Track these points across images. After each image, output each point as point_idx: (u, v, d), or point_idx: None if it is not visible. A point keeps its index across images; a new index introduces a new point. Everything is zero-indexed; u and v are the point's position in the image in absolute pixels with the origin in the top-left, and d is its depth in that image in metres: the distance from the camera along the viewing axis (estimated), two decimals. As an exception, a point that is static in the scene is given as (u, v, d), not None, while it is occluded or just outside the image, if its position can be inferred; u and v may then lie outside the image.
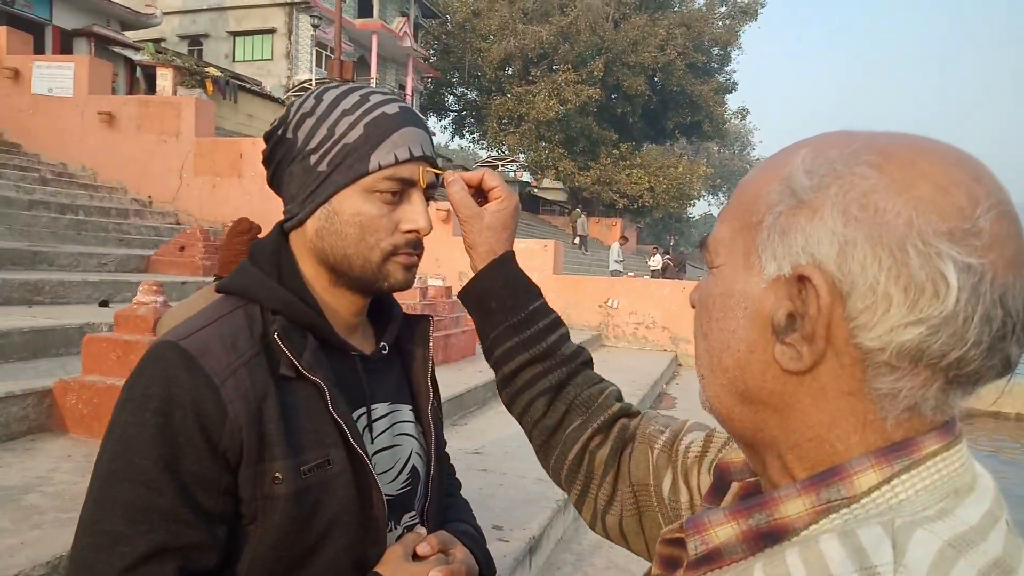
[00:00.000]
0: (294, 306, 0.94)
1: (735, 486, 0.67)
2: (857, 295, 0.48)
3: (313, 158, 0.93)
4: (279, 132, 0.97)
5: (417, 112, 1.00)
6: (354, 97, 0.95)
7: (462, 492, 1.31)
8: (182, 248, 8.19)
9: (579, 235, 27.61)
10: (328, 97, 0.96)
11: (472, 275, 1.01)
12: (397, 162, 0.92)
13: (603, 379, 0.99)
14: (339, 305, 1.00)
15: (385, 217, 0.94)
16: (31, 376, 3.73)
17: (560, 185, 39.86)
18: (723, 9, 37.99)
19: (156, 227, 10.77)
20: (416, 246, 0.98)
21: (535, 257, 11.70)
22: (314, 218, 0.95)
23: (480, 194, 1.02)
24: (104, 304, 5.89)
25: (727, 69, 40.74)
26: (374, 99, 0.95)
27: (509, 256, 1.00)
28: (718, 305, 0.56)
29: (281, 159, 0.97)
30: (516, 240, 1.03)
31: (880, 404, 0.50)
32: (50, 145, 12.62)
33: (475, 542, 1.10)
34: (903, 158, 0.49)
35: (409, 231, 0.95)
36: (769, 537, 0.51)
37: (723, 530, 0.53)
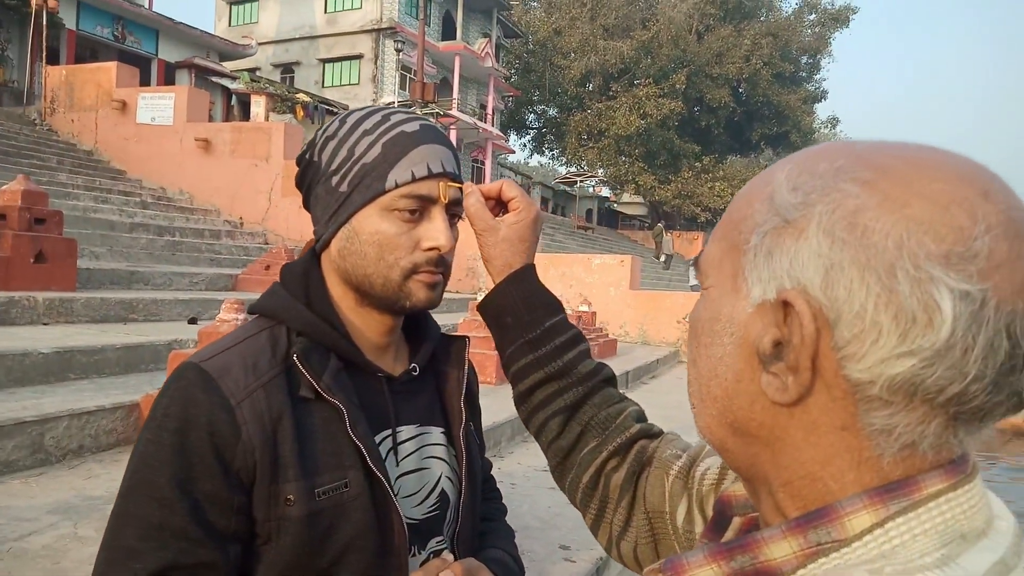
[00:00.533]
0: (317, 327, 0.94)
1: (736, 521, 0.63)
2: (844, 323, 0.44)
3: (335, 179, 0.94)
4: (307, 156, 0.99)
5: (439, 129, 0.99)
6: (375, 118, 0.95)
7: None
8: (268, 267, 8.52)
9: (665, 254, 26.79)
10: (351, 119, 0.97)
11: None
12: (414, 179, 0.92)
13: (625, 398, 0.95)
14: (367, 326, 1.00)
15: (404, 235, 0.93)
16: (121, 390, 3.95)
17: (640, 199, 39.47)
18: (812, 17, 36.97)
19: (245, 247, 11.27)
20: (439, 264, 0.96)
21: (612, 272, 11.59)
22: (337, 238, 0.96)
23: (502, 205, 1.00)
24: (193, 321, 6.19)
25: (816, 78, 39.61)
26: (395, 118, 0.95)
27: (528, 269, 0.96)
28: (706, 330, 0.53)
29: (310, 182, 0.99)
30: (593, 255, 1.00)
31: (875, 440, 0.45)
32: (151, 171, 13.44)
33: (507, 570, 1.07)
34: (899, 173, 0.45)
35: (430, 248, 0.94)
36: None
37: (703, 572, 0.49)
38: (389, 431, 0.99)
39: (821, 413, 0.46)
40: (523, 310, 0.93)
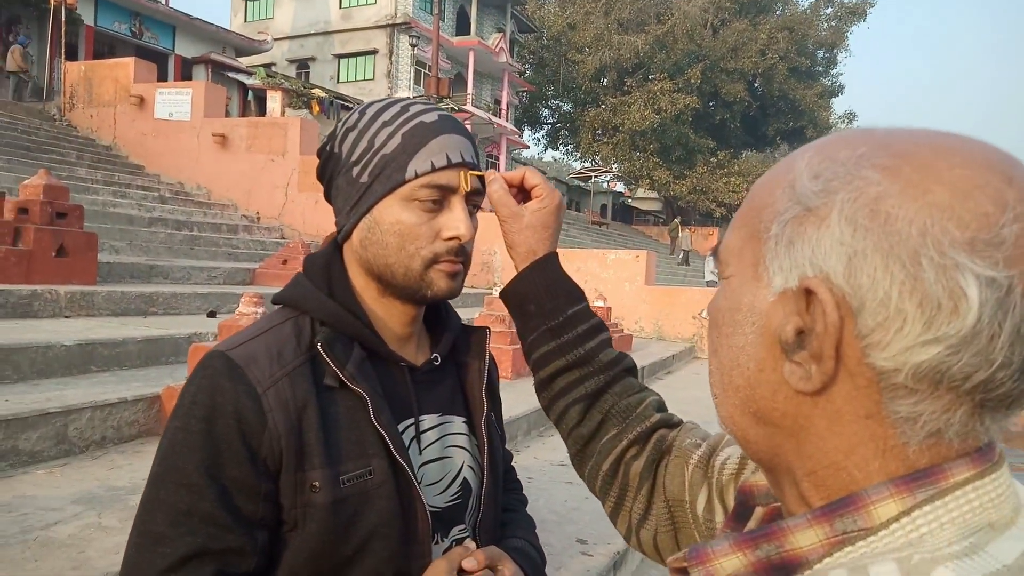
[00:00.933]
0: (340, 317, 0.95)
1: (759, 511, 0.62)
2: (868, 311, 0.43)
3: (355, 170, 0.95)
4: (327, 147, 1.00)
5: (458, 120, 1.00)
6: (394, 108, 0.96)
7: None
8: (285, 261, 8.57)
9: (683, 250, 26.54)
10: (371, 111, 0.97)
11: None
12: (434, 169, 0.92)
13: (645, 388, 0.95)
14: (389, 316, 1.00)
15: (425, 225, 0.94)
16: (142, 383, 3.99)
17: (654, 195, 39.32)
18: (829, 11, 36.65)
19: (263, 241, 11.33)
20: (459, 253, 0.96)
21: (627, 268, 11.56)
22: (358, 229, 0.97)
23: (524, 193, 1.00)
24: (212, 315, 6.24)
25: (833, 72, 39.27)
26: (413, 109, 0.96)
27: (551, 257, 0.97)
28: (727, 319, 0.52)
29: (331, 173, 1.00)
30: (608, 251, 1.00)
31: (900, 429, 0.45)
32: (169, 166, 13.54)
33: (529, 560, 1.07)
34: (921, 160, 0.44)
35: (450, 238, 0.95)
36: (782, 570, 0.47)
37: (729, 561, 0.49)
38: (412, 420, 1.00)
39: (845, 402, 0.46)
40: (545, 297, 0.94)
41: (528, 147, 38.42)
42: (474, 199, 0.98)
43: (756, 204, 0.52)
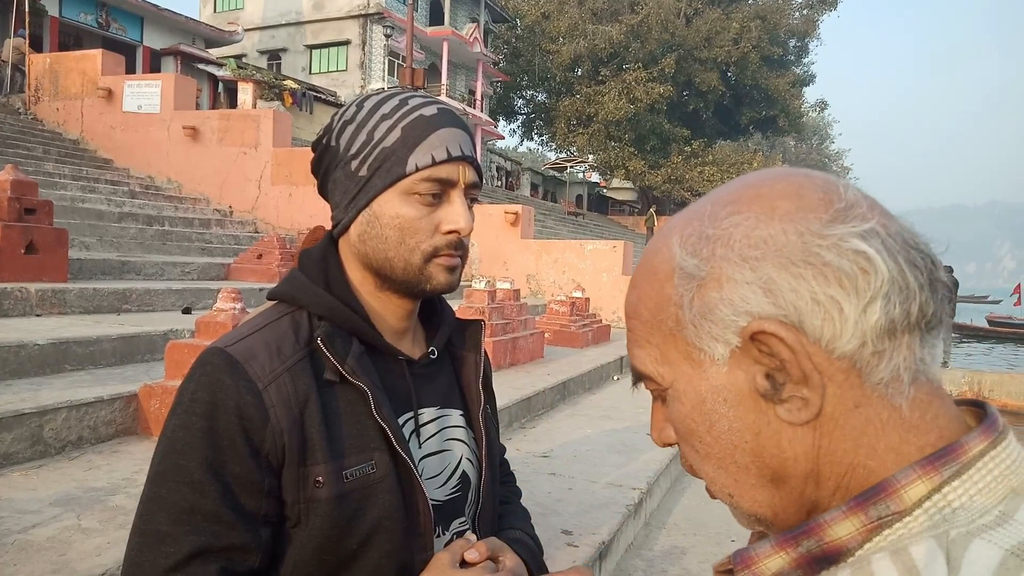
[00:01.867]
0: (339, 311, 0.95)
1: None
2: (808, 317, 0.47)
3: (354, 163, 0.95)
4: (324, 141, 0.99)
5: (456, 113, 1.00)
6: (393, 102, 0.96)
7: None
8: (260, 256, 8.48)
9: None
10: (368, 104, 0.97)
11: None
12: (434, 163, 0.92)
13: None
14: (386, 310, 1.00)
15: (424, 219, 0.94)
16: (118, 381, 3.92)
17: (630, 185, 39.48)
18: (800, 0, 36.86)
19: (236, 236, 11.20)
20: (458, 247, 0.97)
21: (604, 258, 11.60)
22: (356, 223, 0.96)
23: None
24: (187, 311, 6.15)
25: (805, 61, 39.65)
26: (413, 102, 0.96)
27: None
28: (700, 419, 0.54)
29: (327, 167, 0.99)
30: (585, 241, 1.02)
31: (887, 396, 0.48)
32: (139, 160, 13.30)
33: (528, 550, 1.08)
34: (749, 196, 0.51)
35: (449, 232, 0.95)
36: (825, 560, 0.49)
37: (773, 561, 0.51)
38: (411, 413, 1.00)
39: (835, 405, 0.49)
40: None
41: (503, 138, 38.36)
42: (472, 192, 0.98)
43: (647, 314, 0.55)
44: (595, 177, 40.77)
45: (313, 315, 0.96)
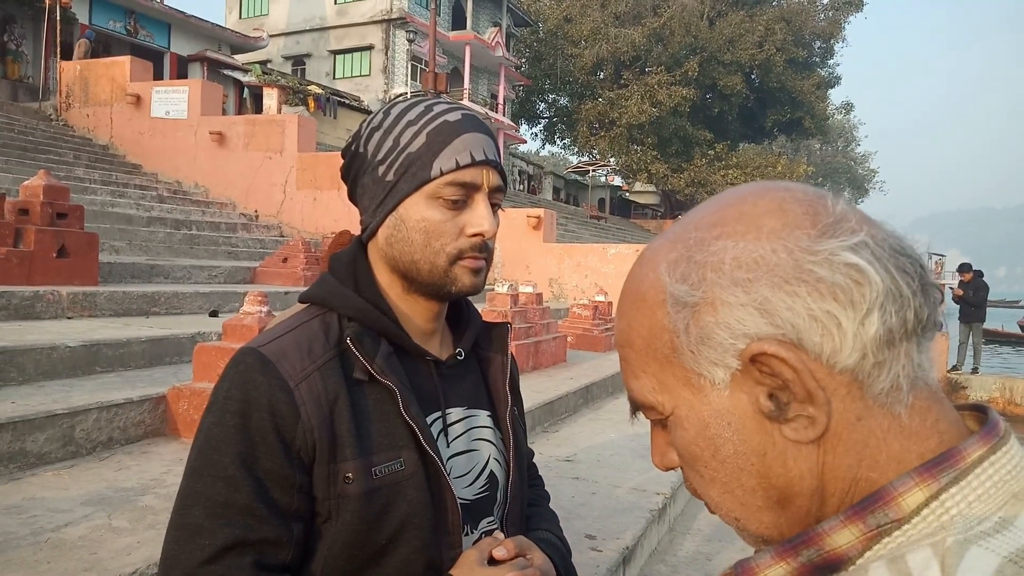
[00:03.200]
0: (368, 312, 0.97)
1: None
2: (807, 334, 0.47)
3: (381, 169, 0.97)
4: (352, 147, 1.01)
5: (480, 118, 1.01)
6: (419, 108, 0.98)
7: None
8: (285, 259, 8.56)
9: None
10: (395, 110, 0.99)
11: None
12: (458, 167, 0.94)
13: None
14: (414, 312, 1.02)
15: (449, 222, 0.96)
16: (147, 383, 3.98)
17: (652, 188, 39.29)
18: (826, 1, 36.53)
19: (262, 240, 11.31)
20: (482, 249, 0.99)
21: (627, 262, 11.56)
22: (384, 227, 0.99)
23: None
24: (214, 314, 6.23)
25: (830, 63, 39.27)
26: (438, 108, 0.98)
27: None
28: (705, 444, 0.53)
29: (356, 173, 1.01)
30: (608, 245, 1.03)
31: (887, 405, 0.48)
32: (166, 165, 13.51)
33: (555, 550, 1.09)
34: (731, 216, 0.51)
35: (474, 234, 0.97)
36: (824, 569, 0.49)
37: (773, 571, 0.50)
38: (439, 413, 1.02)
39: (839, 419, 0.48)
40: None
41: (525, 142, 38.40)
42: (496, 196, 1.00)
43: (641, 343, 0.55)
44: (617, 181, 40.65)
45: (343, 317, 0.98)
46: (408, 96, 1.06)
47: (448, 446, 1.01)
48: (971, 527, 0.44)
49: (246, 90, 22.06)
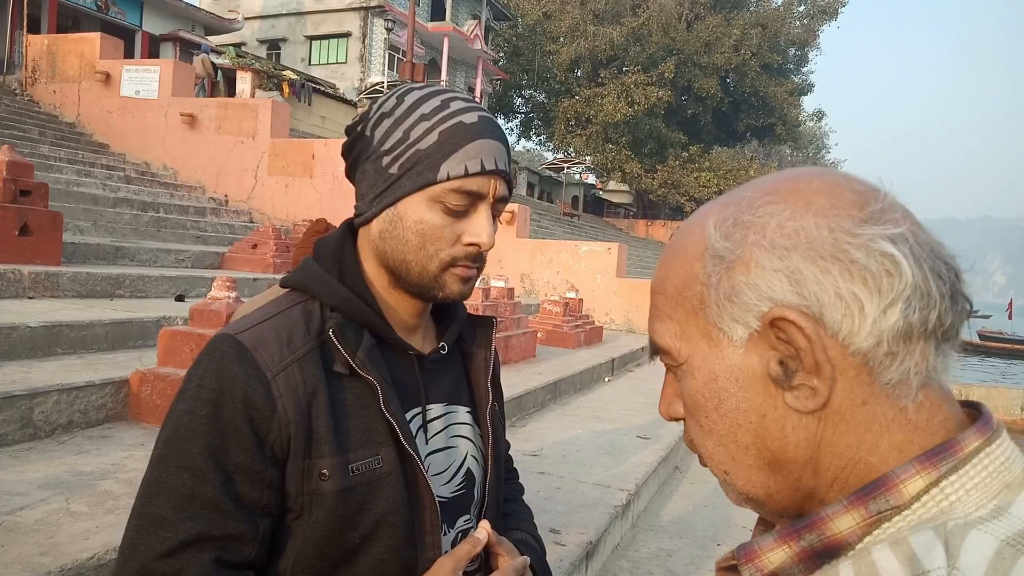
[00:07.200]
0: (351, 303, 0.94)
1: None
2: (829, 310, 0.49)
3: (386, 159, 0.93)
4: (359, 128, 0.97)
5: (497, 122, 0.97)
6: (434, 102, 0.93)
7: None
8: (255, 246, 8.45)
9: None
10: (409, 99, 0.94)
11: None
12: (467, 174, 0.90)
13: None
14: (399, 305, 1.00)
15: (448, 228, 0.92)
16: (110, 366, 3.90)
17: (626, 188, 39.50)
18: (801, 8, 37.02)
19: (231, 225, 11.15)
20: (476, 259, 0.96)
21: (599, 259, 11.62)
22: (379, 219, 0.95)
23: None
24: (180, 299, 6.13)
25: (804, 70, 39.75)
26: (454, 106, 0.93)
27: None
28: (709, 395, 0.55)
29: (358, 155, 0.97)
30: (580, 242, 1.03)
31: (894, 397, 0.50)
32: (135, 145, 13.23)
33: (532, 551, 1.09)
34: (787, 189, 0.53)
35: (470, 244, 0.94)
36: (825, 554, 0.50)
37: (775, 555, 0.52)
38: (419, 409, 1.00)
39: (843, 399, 0.50)
40: None
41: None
42: (499, 206, 0.97)
43: (673, 290, 0.57)
44: (591, 179, 40.78)
45: (325, 306, 0.95)
46: (428, 84, 1.00)
47: (427, 443, 0.99)
48: (969, 513, 0.46)
49: (219, 73, 21.69)
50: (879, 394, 0.50)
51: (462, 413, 1.06)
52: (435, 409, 1.02)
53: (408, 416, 0.96)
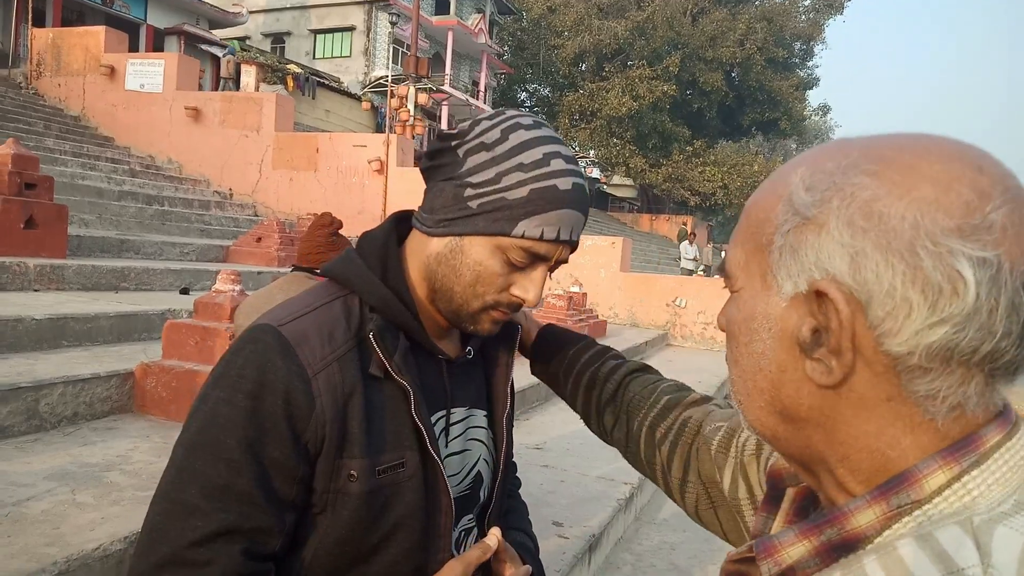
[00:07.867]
0: (392, 305, 0.94)
1: (790, 492, 0.66)
2: (876, 303, 0.47)
3: (469, 191, 0.90)
4: (453, 144, 0.93)
5: (586, 191, 0.95)
6: (536, 154, 0.90)
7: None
8: (259, 239, 8.46)
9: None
10: (514, 139, 0.91)
11: None
12: (541, 239, 0.90)
13: (657, 380, 1.08)
14: (435, 311, 0.99)
15: (502, 277, 0.92)
16: (115, 359, 3.92)
17: (630, 182, 39.44)
18: (807, 3, 36.83)
19: (235, 218, 11.17)
20: (514, 308, 0.96)
21: (602, 254, 11.60)
22: (440, 241, 0.93)
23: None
24: (185, 292, 6.15)
25: (809, 64, 39.56)
26: (554, 165, 0.90)
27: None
28: (743, 329, 0.56)
29: (441, 168, 0.94)
30: (584, 237, 1.03)
31: (923, 406, 0.49)
32: (140, 139, 13.25)
33: (528, 552, 1.11)
34: (901, 162, 0.49)
35: (516, 296, 0.94)
36: (843, 547, 0.50)
37: (795, 549, 0.52)
38: (444, 412, 1.00)
39: (867, 388, 0.50)
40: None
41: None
42: (556, 266, 0.96)
43: (754, 220, 0.56)
44: (596, 173, 40.71)
45: (364, 304, 0.94)
46: (536, 124, 0.94)
47: (447, 445, 1.00)
48: (992, 508, 0.46)
49: (240, 69, 21.68)
50: (906, 398, 0.49)
51: (479, 417, 1.07)
52: (458, 413, 1.03)
53: (433, 420, 0.97)
